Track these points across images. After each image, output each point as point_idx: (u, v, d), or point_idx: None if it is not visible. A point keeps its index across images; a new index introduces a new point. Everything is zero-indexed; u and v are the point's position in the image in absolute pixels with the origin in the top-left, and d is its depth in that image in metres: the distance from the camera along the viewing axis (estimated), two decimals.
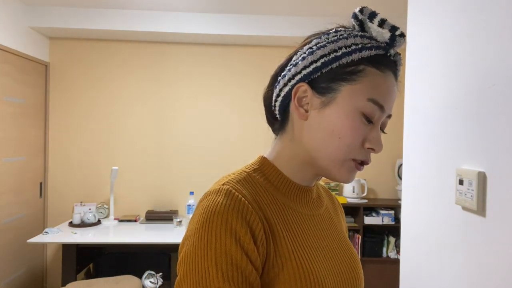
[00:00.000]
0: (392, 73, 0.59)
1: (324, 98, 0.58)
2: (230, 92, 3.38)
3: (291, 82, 0.61)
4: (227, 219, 0.51)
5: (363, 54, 0.57)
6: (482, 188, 0.90)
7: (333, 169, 0.59)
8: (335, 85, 0.57)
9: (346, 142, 0.57)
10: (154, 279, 2.77)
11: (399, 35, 0.57)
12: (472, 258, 0.94)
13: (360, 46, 0.57)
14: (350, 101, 0.56)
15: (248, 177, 0.61)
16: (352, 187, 3.28)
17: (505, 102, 0.83)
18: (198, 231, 0.52)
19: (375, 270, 3.16)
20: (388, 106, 0.58)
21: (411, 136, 1.28)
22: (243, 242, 0.51)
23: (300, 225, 0.61)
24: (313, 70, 0.58)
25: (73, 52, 3.32)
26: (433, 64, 1.15)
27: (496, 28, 0.87)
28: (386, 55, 0.58)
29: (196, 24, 3.06)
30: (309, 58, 0.59)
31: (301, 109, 0.60)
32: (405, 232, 1.32)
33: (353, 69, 0.57)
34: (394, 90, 0.59)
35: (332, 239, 0.65)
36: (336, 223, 0.70)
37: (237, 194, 0.55)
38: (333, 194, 0.81)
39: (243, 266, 0.50)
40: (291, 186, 0.63)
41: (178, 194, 3.38)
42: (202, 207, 0.54)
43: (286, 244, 0.56)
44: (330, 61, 0.57)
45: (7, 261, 2.75)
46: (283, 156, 0.64)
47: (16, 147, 2.85)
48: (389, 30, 0.57)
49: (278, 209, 0.60)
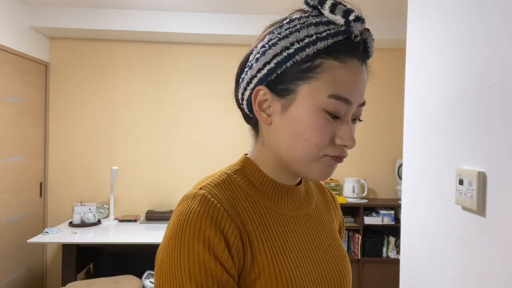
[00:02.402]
0: (356, 58, 0.53)
1: (284, 101, 0.54)
2: (230, 92, 3.35)
3: (249, 86, 0.58)
4: (200, 227, 0.49)
5: (318, 46, 0.51)
6: (482, 188, 0.90)
7: (307, 170, 0.56)
8: (293, 86, 0.53)
9: (313, 143, 0.53)
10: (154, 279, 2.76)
11: (353, 20, 0.51)
12: (472, 258, 0.94)
13: (315, 37, 0.52)
14: (310, 101, 0.52)
15: (227, 179, 0.58)
16: (352, 187, 3.28)
17: (505, 102, 0.83)
18: (172, 240, 0.50)
19: (375, 270, 3.16)
20: (354, 97, 0.53)
21: (411, 136, 1.28)
22: (216, 251, 0.49)
23: (282, 228, 0.58)
24: (268, 72, 0.54)
25: (73, 52, 3.32)
26: (433, 64, 1.15)
27: (496, 28, 0.87)
28: (349, 39, 0.52)
29: (196, 24, 3.06)
30: (262, 59, 0.55)
31: (263, 113, 0.57)
32: (405, 232, 1.32)
33: (309, 65, 0.52)
34: (360, 78, 0.53)
35: (319, 241, 0.62)
36: (326, 221, 0.67)
37: (212, 200, 0.52)
38: (326, 189, 0.76)
39: (218, 275, 0.49)
40: (275, 187, 0.60)
41: (178, 194, 3.38)
42: (177, 213, 0.52)
43: (265, 251, 0.54)
44: (283, 60, 0.53)
45: (7, 261, 2.75)
46: (260, 159, 0.61)
47: (16, 147, 2.85)
48: (342, 16, 0.51)
49: (257, 214, 0.57)
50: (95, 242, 2.63)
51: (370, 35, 0.55)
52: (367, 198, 3.42)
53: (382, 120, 3.47)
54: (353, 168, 3.45)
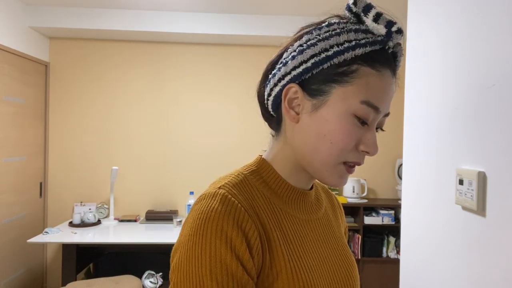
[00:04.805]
0: (390, 69, 0.55)
1: (315, 101, 0.55)
2: (230, 92, 3.38)
3: (281, 82, 0.58)
4: (222, 227, 0.49)
5: (357, 52, 0.52)
6: (482, 188, 0.90)
7: (325, 173, 0.56)
8: (327, 87, 0.54)
9: (338, 146, 0.54)
10: (154, 279, 2.77)
11: (395, 31, 0.52)
12: (472, 258, 0.94)
13: (354, 43, 0.53)
14: (342, 104, 0.53)
15: (245, 179, 0.58)
16: (352, 187, 3.28)
17: (505, 102, 0.83)
18: (192, 238, 0.49)
19: (375, 270, 3.16)
20: (384, 107, 0.54)
21: (411, 136, 1.28)
22: (238, 251, 0.49)
23: (296, 231, 0.58)
24: (303, 71, 0.55)
25: (73, 52, 3.32)
26: (433, 64, 1.15)
27: (496, 28, 0.87)
28: (384, 49, 0.54)
29: (196, 24, 3.06)
30: (299, 57, 0.55)
31: (291, 111, 0.57)
32: (405, 232, 1.32)
33: (345, 69, 0.53)
34: (391, 89, 0.55)
35: (329, 245, 0.63)
36: (334, 226, 0.68)
37: (233, 200, 0.52)
38: (332, 194, 0.78)
39: (239, 276, 0.48)
40: (289, 190, 0.61)
41: (178, 194, 3.38)
42: (196, 211, 0.52)
43: (282, 253, 0.54)
44: (321, 62, 0.53)
45: (7, 261, 2.75)
46: (279, 158, 0.61)
47: (16, 147, 2.85)
48: (384, 26, 0.52)
49: (274, 215, 0.57)
50: (95, 242, 2.62)
51: (400, 50, 0.56)
52: (367, 198, 3.43)
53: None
54: None
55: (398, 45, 0.55)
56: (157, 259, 3.10)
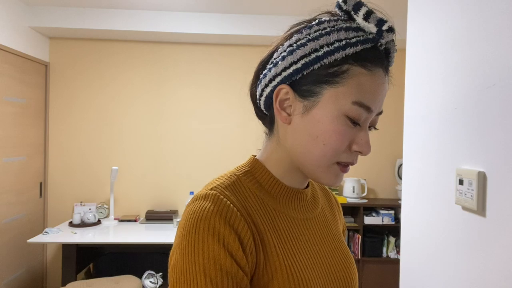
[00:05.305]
0: (382, 68, 0.53)
1: (306, 102, 0.54)
2: (229, 92, 3.38)
3: (272, 83, 0.57)
4: (214, 225, 0.49)
5: (347, 52, 0.51)
6: (482, 188, 0.90)
7: (319, 174, 0.56)
8: (318, 88, 0.53)
9: (331, 148, 0.53)
10: (154, 279, 2.77)
11: (386, 30, 0.51)
12: (472, 258, 0.94)
13: (344, 42, 0.52)
14: (333, 106, 0.52)
15: (237, 181, 0.58)
16: (352, 187, 3.28)
17: (505, 102, 0.83)
18: (185, 237, 0.50)
19: (375, 270, 3.16)
20: (376, 106, 0.54)
21: (411, 136, 1.28)
22: (231, 249, 0.49)
23: (291, 231, 0.58)
24: (293, 72, 0.54)
25: (73, 52, 3.32)
26: (433, 64, 1.15)
27: (496, 28, 0.87)
28: (375, 47, 0.53)
29: (196, 24, 3.06)
30: (289, 58, 0.54)
31: (283, 112, 0.57)
32: (405, 232, 1.32)
33: (336, 70, 0.52)
34: (383, 88, 0.54)
35: (326, 243, 0.63)
36: (331, 224, 0.67)
37: (225, 200, 0.52)
38: (330, 192, 0.77)
39: (233, 272, 0.48)
40: (283, 190, 0.60)
41: (178, 194, 3.38)
42: (189, 212, 0.52)
43: (277, 252, 0.54)
44: (311, 62, 0.53)
45: (7, 261, 2.75)
46: (272, 158, 0.61)
47: (16, 147, 2.85)
48: (375, 25, 0.51)
49: (268, 216, 0.57)
50: (95, 242, 2.62)
51: (393, 46, 0.55)
52: (367, 198, 3.43)
53: (382, 120, 3.47)
54: (353, 168, 3.44)
55: (391, 41, 0.54)
56: (157, 259, 3.11)
